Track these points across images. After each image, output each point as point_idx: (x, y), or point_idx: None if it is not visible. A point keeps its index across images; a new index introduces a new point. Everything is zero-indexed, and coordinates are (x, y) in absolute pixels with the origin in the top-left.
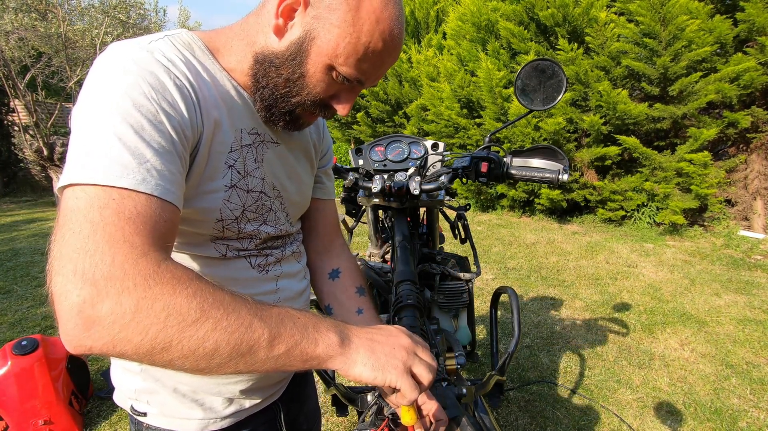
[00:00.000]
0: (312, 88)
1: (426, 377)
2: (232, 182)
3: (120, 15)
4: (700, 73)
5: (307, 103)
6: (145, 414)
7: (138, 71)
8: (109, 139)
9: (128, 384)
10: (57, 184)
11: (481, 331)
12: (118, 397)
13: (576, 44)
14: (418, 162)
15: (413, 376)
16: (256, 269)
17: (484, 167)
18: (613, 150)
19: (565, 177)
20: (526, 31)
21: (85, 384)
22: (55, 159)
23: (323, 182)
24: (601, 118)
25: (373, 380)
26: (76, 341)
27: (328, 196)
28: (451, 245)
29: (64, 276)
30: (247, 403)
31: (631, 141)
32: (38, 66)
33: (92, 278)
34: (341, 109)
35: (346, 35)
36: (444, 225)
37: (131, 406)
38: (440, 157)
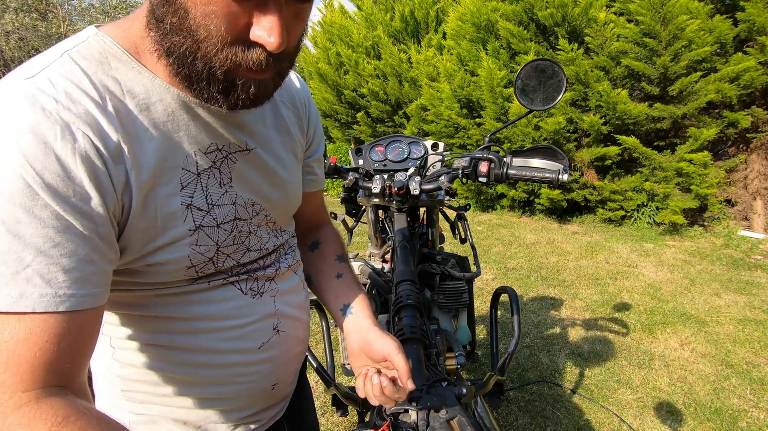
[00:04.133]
0: (208, 27)
1: None
2: (196, 223)
3: (120, 15)
4: (700, 73)
5: (220, 55)
6: None
7: (10, 140)
8: None
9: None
10: None
11: (481, 331)
12: None
13: (576, 44)
14: (418, 162)
15: None
16: (248, 294)
17: (484, 167)
18: (613, 150)
19: (565, 177)
20: (525, 31)
21: None
22: None
23: (315, 173)
24: (601, 118)
25: None
26: None
27: (319, 186)
28: (451, 245)
29: None
30: (253, 425)
31: (631, 141)
32: None
33: None
34: (268, 35)
35: None
36: (444, 225)
37: None
38: (440, 157)
